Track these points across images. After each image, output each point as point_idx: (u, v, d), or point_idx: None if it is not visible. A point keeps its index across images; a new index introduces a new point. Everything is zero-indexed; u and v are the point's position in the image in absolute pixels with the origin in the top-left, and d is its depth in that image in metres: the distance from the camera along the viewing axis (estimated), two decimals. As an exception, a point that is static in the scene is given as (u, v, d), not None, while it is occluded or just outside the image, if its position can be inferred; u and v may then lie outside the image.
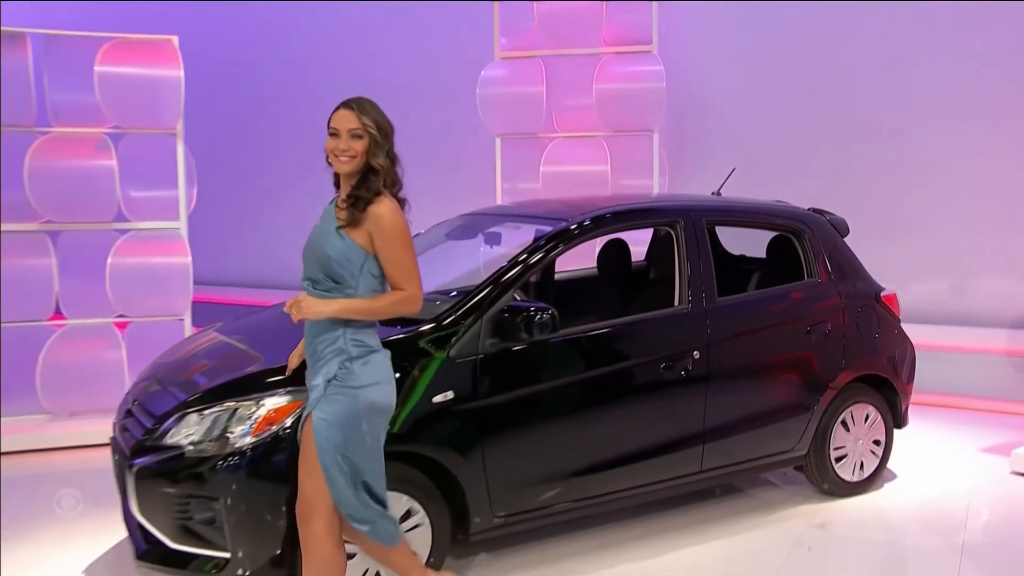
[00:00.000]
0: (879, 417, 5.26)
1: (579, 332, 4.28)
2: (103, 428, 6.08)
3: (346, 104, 3.31)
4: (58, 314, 6.47)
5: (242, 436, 3.64)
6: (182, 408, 3.81)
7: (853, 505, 5.11)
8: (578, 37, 7.26)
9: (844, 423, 5.10)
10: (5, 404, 6.34)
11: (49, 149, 6.29)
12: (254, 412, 3.68)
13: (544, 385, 4.14)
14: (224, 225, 9.26)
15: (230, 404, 3.72)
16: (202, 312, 6.81)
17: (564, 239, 4.38)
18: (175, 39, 6.52)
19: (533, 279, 5.26)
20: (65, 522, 4.94)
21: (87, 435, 6.21)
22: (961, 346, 6.87)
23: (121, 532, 4.67)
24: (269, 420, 3.65)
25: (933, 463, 5.80)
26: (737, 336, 4.68)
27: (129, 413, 4.18)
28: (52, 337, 6.37)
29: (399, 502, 3.79)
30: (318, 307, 3.26)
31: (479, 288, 4.13)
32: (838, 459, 5.11)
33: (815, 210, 5.40)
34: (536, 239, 4.37)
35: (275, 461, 3.61)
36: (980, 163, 7.04)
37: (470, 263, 6.65)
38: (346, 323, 3.30)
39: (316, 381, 3.31)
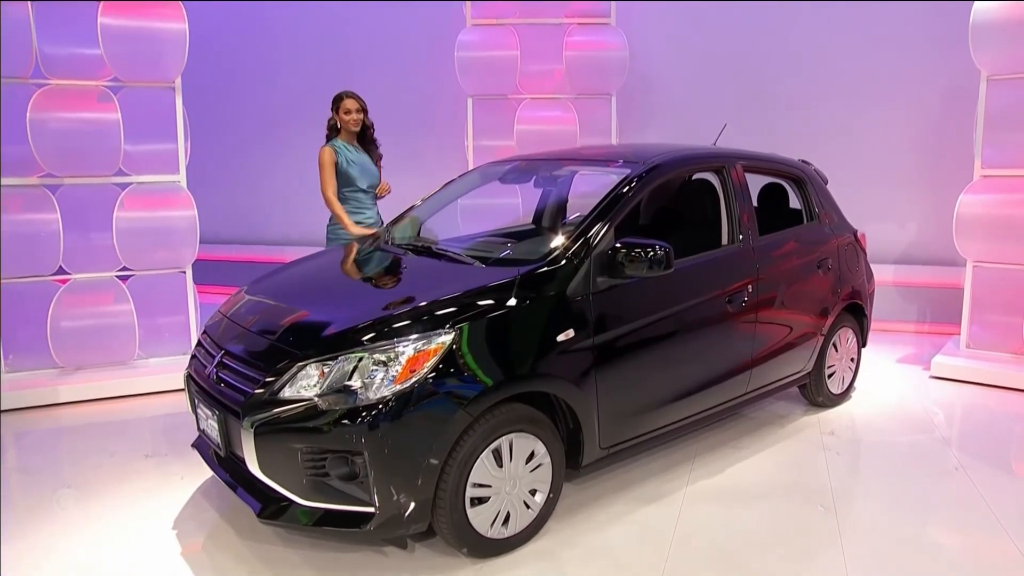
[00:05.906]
0: (855, 338, 4.96)
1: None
2: (113, 381, 5.09)
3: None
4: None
5: (383, 385, 2.80)
6: (298, 359, 2.91)
7: (838, 414, 4.83)
8: (542, 8, 6.46)
9: (835, 345, 4.76)
10: (14, 360, 5.09)
11: (50, 101, 4.97)
12: (393, 360, 2.84)
13: (645, 320, 3.48)
14: (209, 180, 7.69)
15: (356, 353, 2.86)
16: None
17: (645, 180, 3.70)
18: (176, -8, 5.29)
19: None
20: (132, 474, 3.91)
21: (99, 388, 5.13)
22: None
23: (178, 485, 3.78)
24: (411, 367, 2.83)
25: (870, 374, 5.60)
26: (775, 271, 4.20)
27: (222, 365, 3.21)
28: (58, 292, 5.13)
29: (527, 443, 3.09)
30: None
31: (582, 229, 3.40)
32: (830, 375, 4.78)
33: (803, 161, 4.96)
34: (619, 182, 3.65)
35: (420, 408, 2.80)
36: (867, 136, 6.95)
37: (525, 205, 5.84)
38: None
39: None
